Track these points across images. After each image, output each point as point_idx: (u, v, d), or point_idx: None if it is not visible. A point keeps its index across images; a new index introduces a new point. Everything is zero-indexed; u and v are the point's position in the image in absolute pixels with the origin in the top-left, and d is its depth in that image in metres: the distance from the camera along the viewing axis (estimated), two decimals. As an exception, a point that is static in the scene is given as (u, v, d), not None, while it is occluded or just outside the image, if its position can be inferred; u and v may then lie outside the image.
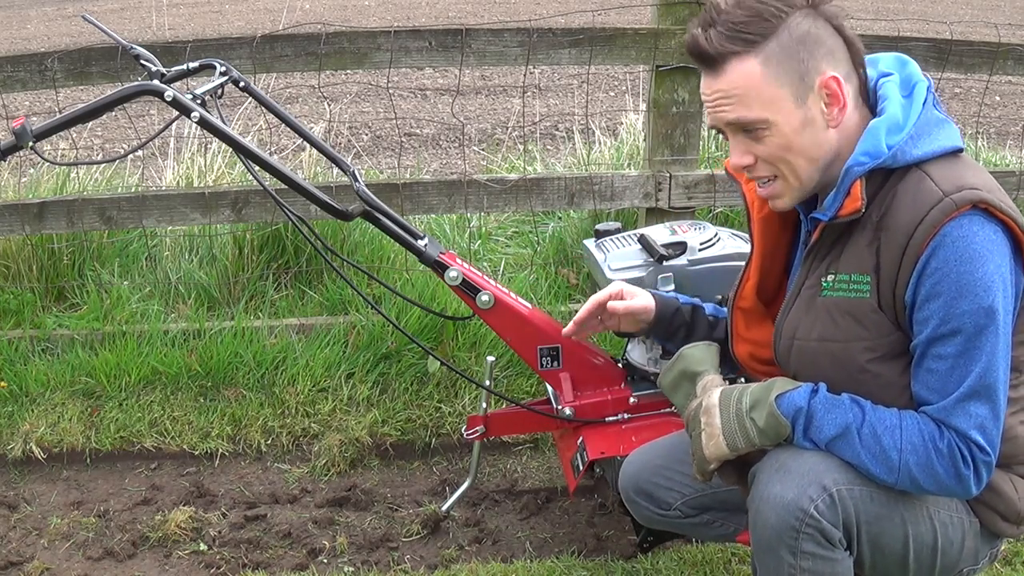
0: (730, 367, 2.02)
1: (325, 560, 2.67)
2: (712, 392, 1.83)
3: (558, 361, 2.53)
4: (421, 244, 2.48)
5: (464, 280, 2.47)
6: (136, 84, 2.15)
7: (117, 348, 3.35)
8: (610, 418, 2.50)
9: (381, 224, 2.44)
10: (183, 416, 3.20)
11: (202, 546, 2.71)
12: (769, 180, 1.76)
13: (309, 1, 12.91)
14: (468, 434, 2.64)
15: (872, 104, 1.74)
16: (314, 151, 3.93)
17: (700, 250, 2.48)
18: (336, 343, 3.39)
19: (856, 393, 1.72)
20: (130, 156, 3.27)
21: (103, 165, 4.32)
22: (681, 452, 2.04)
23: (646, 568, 2.54)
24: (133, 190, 4.10)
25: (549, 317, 2.60)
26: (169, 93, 2.11)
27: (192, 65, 2.48)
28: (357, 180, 2.46)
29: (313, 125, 5.43)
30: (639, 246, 2.52)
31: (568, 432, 2.58)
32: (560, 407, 2.53)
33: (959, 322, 1.60)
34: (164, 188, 4.19)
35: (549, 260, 3.92)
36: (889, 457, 1.66)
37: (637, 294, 2.23)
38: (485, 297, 2.48)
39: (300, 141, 3.48)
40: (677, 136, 3.41)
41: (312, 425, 3.17)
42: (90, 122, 3.12)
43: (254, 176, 2.57)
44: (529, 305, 2.56)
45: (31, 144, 2.05)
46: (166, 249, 3.95)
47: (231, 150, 2.96)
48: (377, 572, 2.60)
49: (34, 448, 3.08)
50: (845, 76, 1.68)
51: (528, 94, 7.87)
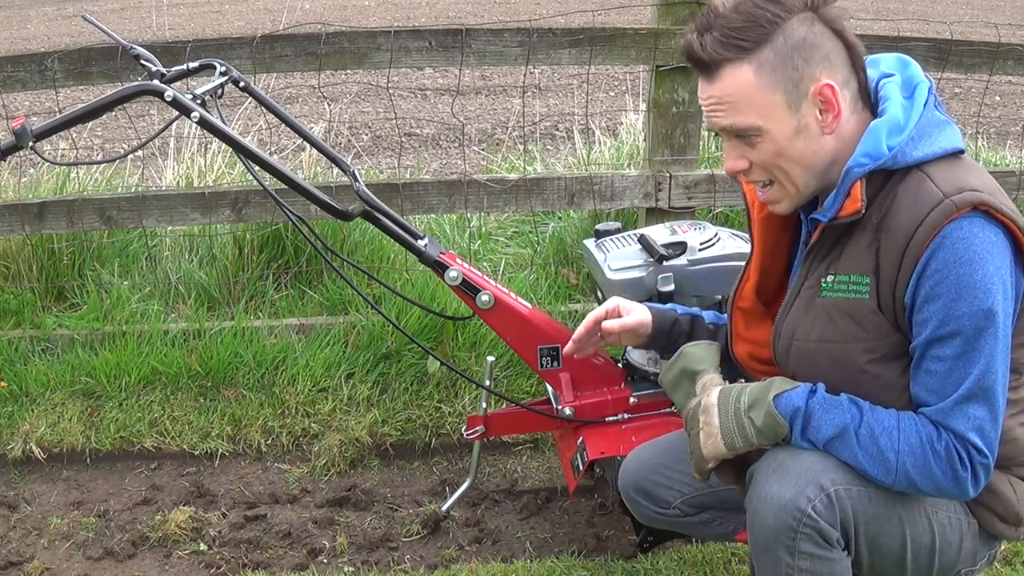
0: (731, 367, 2.02)
1: (325, 560, 2.67)
2: (711, 391, 1.83)
3: (558, 361, 2.53)
4: (421, 244, 2.48)
5: (464, 280, 2.47)
6: (136, 84, 2.15)
7: (117, 348, 3.35)
8: (610, 418, 2.50)
9: (381, 224, 2.44)
10: (183, 416, 3.20)
11: (202, 546, 2.71)
12: (767, 184, 1.76)
13: (309, 1, 12.91)
14: (468, 434, 2.64)
15: (873, 105, 1.73)
16: (314, 151, 3.93)
17: (700, 250, 2.48)
18: (336, 343, 3.39)
19: (855, 394, 1.72)
20: (130, 156, 3.27)
21: (103, 165, 4.32)
22: (681, 451, 2.04)
23: (646, 568, 2.54)
24: (133, 190, 4.10)
25: (549, 317, 2.60)
26: (169, 93, 2.11)
27: (192, 65, 2.48)
28: (357, 180, 2.46)
29: (313, 125, 5.43)
30: (639, 246, 2.52)
31: (568, 432, 2.58)
32: (560, 407, 2.53)
33: (958, 324, 1.60)
34: (164, 188, 4.19)
35: (549, 260, 3.92)
36: (886, 458, 1.66)
37: (633, 310, 2.18)
38: (485, 297, 2.48)
39: (300, 141, 3.48)
40: (677, 136, 3.41)
41: (312, 425, 3.17)
42: (90, 122, 3.12)
43: (254, 176, 2.57)
44: (529, 305, 2.56)
45: (31, 144, 2.05)
46: (166, 249, 3.95)
47: (231, 150, 2.96)
48: (377, 572, 2.60)
49: (34, 448, 3.08)
50: (843, 81, 1.68)
51: (528, 94, 7.87)
